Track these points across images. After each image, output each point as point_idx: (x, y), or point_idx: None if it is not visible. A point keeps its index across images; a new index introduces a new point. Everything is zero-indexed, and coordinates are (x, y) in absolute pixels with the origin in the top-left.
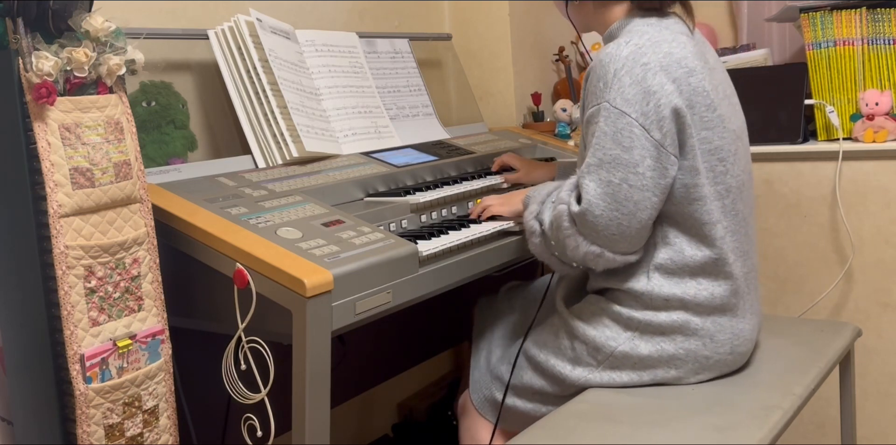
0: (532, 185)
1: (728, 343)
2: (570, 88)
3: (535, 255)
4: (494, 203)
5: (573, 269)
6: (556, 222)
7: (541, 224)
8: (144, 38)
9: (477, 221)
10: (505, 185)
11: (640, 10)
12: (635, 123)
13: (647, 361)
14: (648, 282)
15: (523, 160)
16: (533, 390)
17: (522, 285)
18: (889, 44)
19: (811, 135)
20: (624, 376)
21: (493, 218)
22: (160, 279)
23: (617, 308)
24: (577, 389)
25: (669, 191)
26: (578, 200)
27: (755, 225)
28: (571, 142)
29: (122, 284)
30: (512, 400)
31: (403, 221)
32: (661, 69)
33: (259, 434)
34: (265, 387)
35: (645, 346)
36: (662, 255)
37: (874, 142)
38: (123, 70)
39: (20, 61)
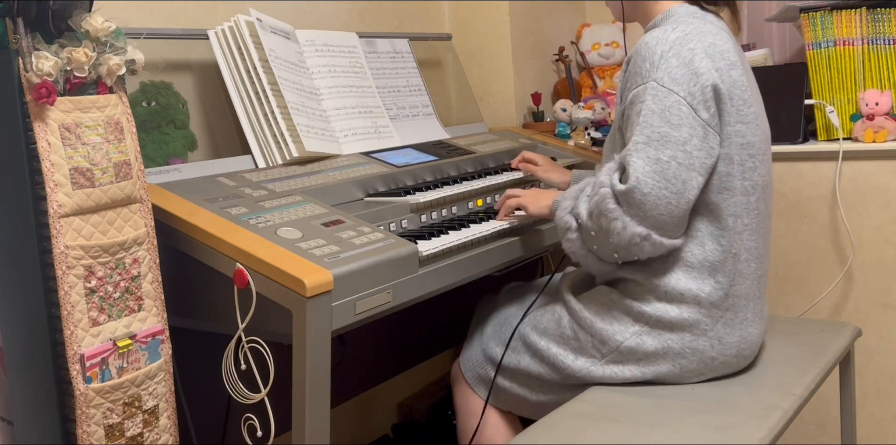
0: (543, 184)
1: (735, 346)
2: (570, 88)
3: (569, 254)
4: (523, 194)
5: (608, 266)
6: (597, 208)
7: (577, 218)
8: (144, 38)
9: (477, 221)
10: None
11: (689, 2)
12: (683, 102)
13: (651, 357)
14: (666, 275)
15: (545, 157)
16: (529, 375)
17: (523, 286)
18: (889, 44)
19: (811, 135)
20: (626, 371)
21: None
22: (160, 279)
23: (629, 301)
24: (577, 380)
25: None
26: (621, 181)
27: (771, 230)
28: (571, 142)
29: (122, 284)
30: (505, 382)
31: (403, 221)
32: (706, 55)
33: (259, 434)
34: (265, 387)
35: (652, 342)
36: (684, 247)
37: (874, 142)
38: (123, 70)
39: (20, 61)
